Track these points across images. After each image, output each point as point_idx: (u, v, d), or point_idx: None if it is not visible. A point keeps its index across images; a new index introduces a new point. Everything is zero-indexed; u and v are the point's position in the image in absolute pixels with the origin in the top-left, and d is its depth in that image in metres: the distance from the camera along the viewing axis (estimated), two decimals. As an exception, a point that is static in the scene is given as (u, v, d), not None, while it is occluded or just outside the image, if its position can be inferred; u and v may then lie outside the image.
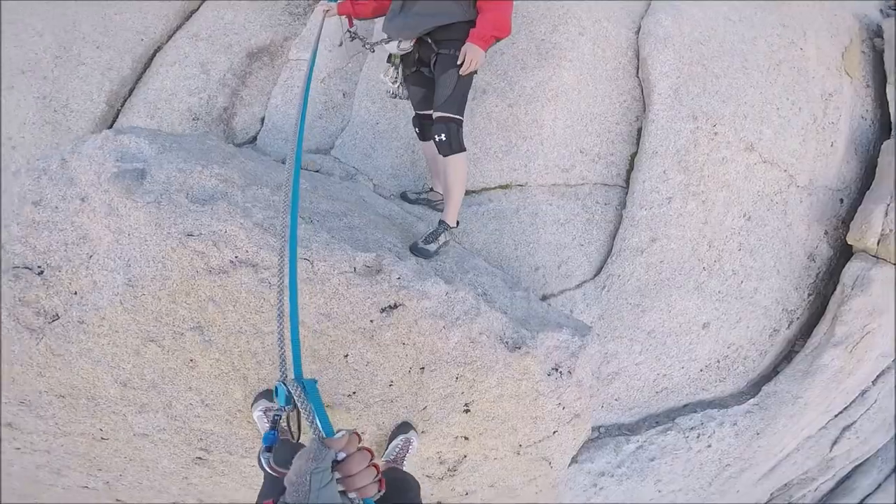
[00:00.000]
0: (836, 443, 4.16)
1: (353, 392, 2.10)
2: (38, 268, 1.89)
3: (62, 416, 1.91)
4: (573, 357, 2.35)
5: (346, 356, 2.04)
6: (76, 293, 1.88)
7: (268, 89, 2.82)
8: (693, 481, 3.31)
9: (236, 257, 1.87)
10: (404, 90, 2.33)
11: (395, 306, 2.03)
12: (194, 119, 2.69)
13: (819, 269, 3.41)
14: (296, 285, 1.11)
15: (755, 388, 3.40)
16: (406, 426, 2.23)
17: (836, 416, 4.05)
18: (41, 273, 1.89)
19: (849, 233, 3.41)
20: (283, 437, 1.18)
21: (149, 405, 1.94)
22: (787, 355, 3.54)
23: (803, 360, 3.46)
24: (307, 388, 0.91)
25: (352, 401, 2.12)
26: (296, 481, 0.67)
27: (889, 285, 3.32)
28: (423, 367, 2.15)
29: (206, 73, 2.75)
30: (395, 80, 2.27)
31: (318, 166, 2.56)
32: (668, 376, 3.05)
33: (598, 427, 2.98)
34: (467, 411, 2.27)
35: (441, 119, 2.14)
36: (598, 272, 2.85)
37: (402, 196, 2.66)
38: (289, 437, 1.05)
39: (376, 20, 2.65)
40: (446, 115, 2.13)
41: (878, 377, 4.08)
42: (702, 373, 3.16)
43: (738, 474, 3.49)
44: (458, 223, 2.38)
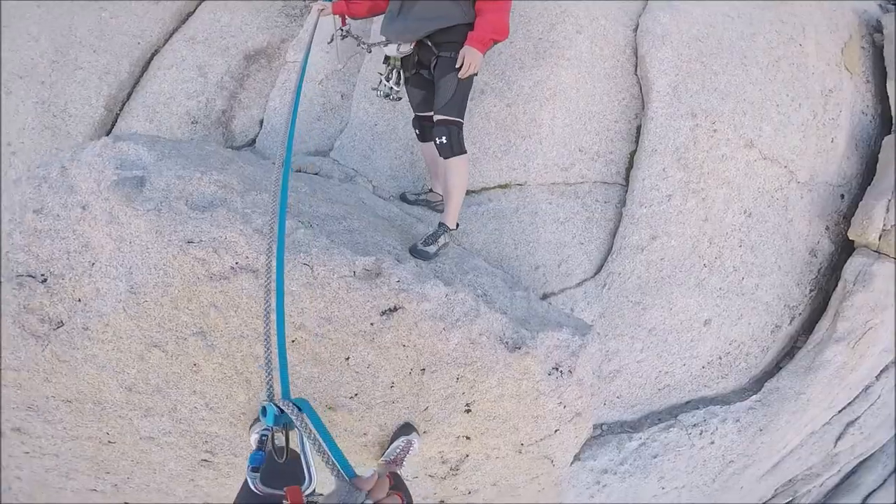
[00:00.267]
0: (839, 438, 4.22)
1: (355, 394, 2.16)
2: (42, 276, 1.95)
3: (69, 420, 1.97)
4: (573, 356, 2.40)
5: (348, 359, 2.09)
6: (80, 300, 1.94)
7: (266, 92, 2.87)
8: (696, 478, 3.37)
9: (237, 263, 1.93)
10: (397, 93, 2.37)
11: (395, 309, 2.08)
12: (193, 122, 2.74)
13: (820, 264, 3.47)
14: (283, 309, 1.15)
15: (757, 384, 3.46)
16: (408, 427, 2.29)
17: (839, 411, 4.10)
18: (44, 281, 1.94)
19: (850, 228, 3.46)
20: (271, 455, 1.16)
21: (154, 409, 2.00)
22: (790, 351, 3.59)
23: (805, 356, 3.51)
24: (304, 409, 0.87)
25: (354, 402, 2.18)
26: None
27: (891, 281, 3.38)
28: (423, 369, 2.20)
29: (204, 76, 2.80)
30: (396, 82, 2.32)
31: (318, 168, 2.62)
32: (669, 373, 3.11)
33: (601, 425, 3.05)
34: (468, 411, 2.33)
35: (442, 122, 2.19)
36: (598, 270, 2.90)
37: (401, 197, 2.71)
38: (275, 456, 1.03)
39: (374, 20, 2.70)
40: (447, 118, 2.18)
41: (881, 372, 4.14)
42: (704, 369, 3.22)
43: (741, 471, 3.55)
44: (458, 225, 2.43)
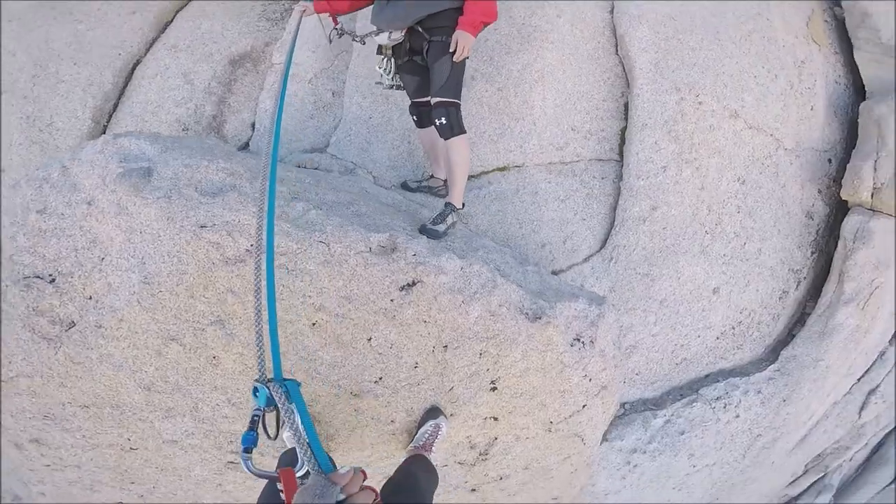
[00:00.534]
0: (863, 408, 4.40)
1: (380, 378, 2.24)
2: (49, 276, 2.01)
3: (88, 427, 1.99)
4: (593, 326, 2.54)
5: (370, 339, 2.18)
6: (91, 298, 2.00)
7: (255, 95, 3.03)
8: (726, 454, 3.48)
9: (252, 244, 2.03)
10: (397, 80, 2.56)
11: (414, 283, 2.20)
12: (184, 129, 2.88)
13: (818, 226, 3.73)
14: (273, 285, 1.26)
15: (773, 353, 3.64)
16: (435, 411, 2.37)
17: (858, 379, 4.30)
18: (53, 281, 2.01)
19: (842, 189, 3.76)
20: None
21: (175, 409, 2.04)
22: (800, 318, 3.80)
23: (817, 321, 3.72)
24: (291, 391, 0.98)
25: (379, 387, 2.25)
26: None
27: (890, 235, 3.65)
28: (446, 346, 2.30)
29: (190, 82, 2.95)
30: (389, 70, 2.51)
31: (317, 164, 2.76)
32: (685, 346, 3.26)
33: (624, 403, 3.16)
34: (494, 389, 2.43)
35: (440, 104, 2.37)
36: (603, 245, 3.08)
37: (402, 185, 2.87)
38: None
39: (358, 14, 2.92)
40: (445, 100, 2.37)
41: (894, 336, 4.39)
42: (718, 340, 3.39)
43: (770, 444, 3.68)
44: (464, 205, 2.59)
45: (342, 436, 2.27)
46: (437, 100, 2.38)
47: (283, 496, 0.95)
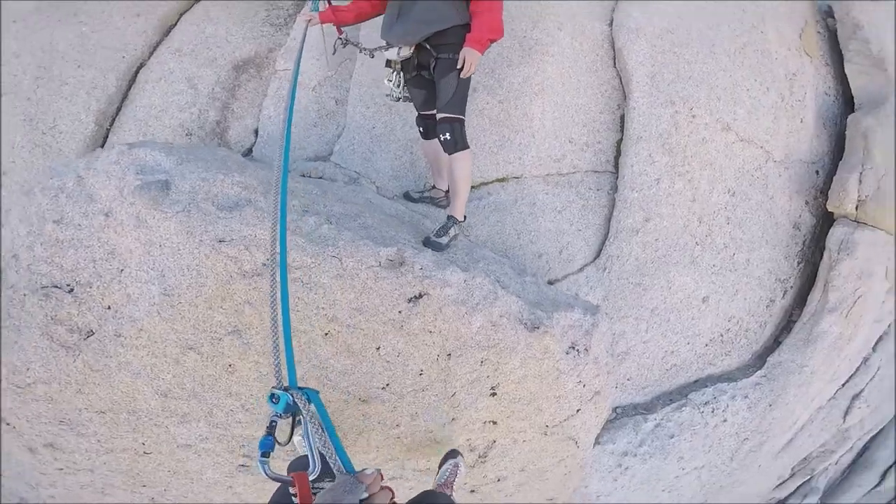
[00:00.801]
0: (847, 413, 4.78)
1: (387, 384, 2.47)
2: (68, 286, 2.19)
3: (103, 432, 2.18)
4: (587, 335, 2.80)
5: (378, 348, 2.41)
6: (109, 308, 2.19)
7: (258, 101, 3.21)
8: (714, 457, 3.80)
9: (268, 258, 2.23)
10: (405, 93, 2.78)
11: (421, 296, 2.43)
12: (188, 134, 3.05)
13: (804, 237, 4.06)
14: (287, 296, 1.41)
15: (760, 360, 3.96)
16: (454, 452, 2.66)
17: (843, 385, 4.67)
18: (71, 291, 2.19)
19: (828, 201, 4.08)
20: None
21: (190, 414, 2.25)
22: (787, 325, 4.13)
23: (802, 328, 4.06)
24: (313, 401, 1.09)
25: (386, 393, 2.48)
26: None
27: (873, 247, 3.99)
28: (449, 354, 2.54)
29: (194, 87, 3.12)
30: (398, 84, 2.72)
31: (321, 173, 2.96)
32: (675, 353, 3.56)
33: (615, 408, 3.44)
34: (494, 394, 2.67)
35: (445, 119, 2.58)
36: (597, 255, 3.35)
37: (405, 196, 3.09)
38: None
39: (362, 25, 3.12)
40: (450, 116, 2.58)
41: (876, 343, 4.76)
42: (707, 347, 3.69)
43: (757, 448, 4.01)
44: (466, 217, 2.82)
45: (350, 439, 2.50)
46: (443, 115, 2.59)
47: (295, 500, 1.05)
